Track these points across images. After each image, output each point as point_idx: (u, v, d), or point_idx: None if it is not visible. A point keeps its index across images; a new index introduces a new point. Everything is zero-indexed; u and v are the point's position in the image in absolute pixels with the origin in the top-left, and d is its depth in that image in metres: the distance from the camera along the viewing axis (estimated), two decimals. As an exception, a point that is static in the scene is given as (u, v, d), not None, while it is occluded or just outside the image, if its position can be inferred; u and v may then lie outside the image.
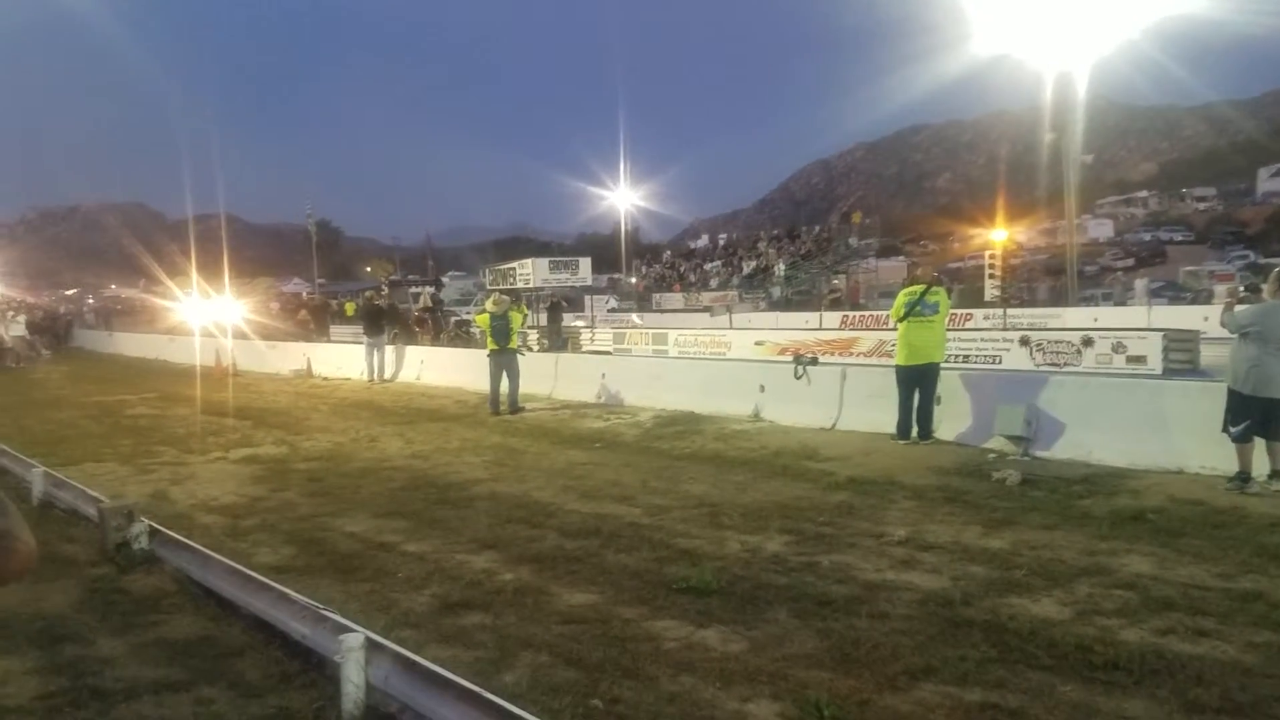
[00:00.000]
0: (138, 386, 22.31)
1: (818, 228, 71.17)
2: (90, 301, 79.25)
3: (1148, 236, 75.05)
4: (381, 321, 22.46)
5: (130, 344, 37.72)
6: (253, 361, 26.27)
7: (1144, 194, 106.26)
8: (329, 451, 12.09)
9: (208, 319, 29.01)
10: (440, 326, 30.76)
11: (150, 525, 6.93)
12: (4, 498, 1.48)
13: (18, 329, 33.43)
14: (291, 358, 25.33)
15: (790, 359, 13.80)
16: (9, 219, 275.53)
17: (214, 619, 5.57)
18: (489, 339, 15.70)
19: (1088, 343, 17.73)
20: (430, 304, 32.94)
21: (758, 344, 23.43)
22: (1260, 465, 8.04)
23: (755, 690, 4.38)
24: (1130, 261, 62.47)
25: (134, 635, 5.38)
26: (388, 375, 21.55)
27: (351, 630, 4.26)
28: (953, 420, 10.97)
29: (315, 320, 33.62)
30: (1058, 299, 38.10)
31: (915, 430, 10.94)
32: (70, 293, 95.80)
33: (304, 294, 63.76)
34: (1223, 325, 8.54)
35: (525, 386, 15.78)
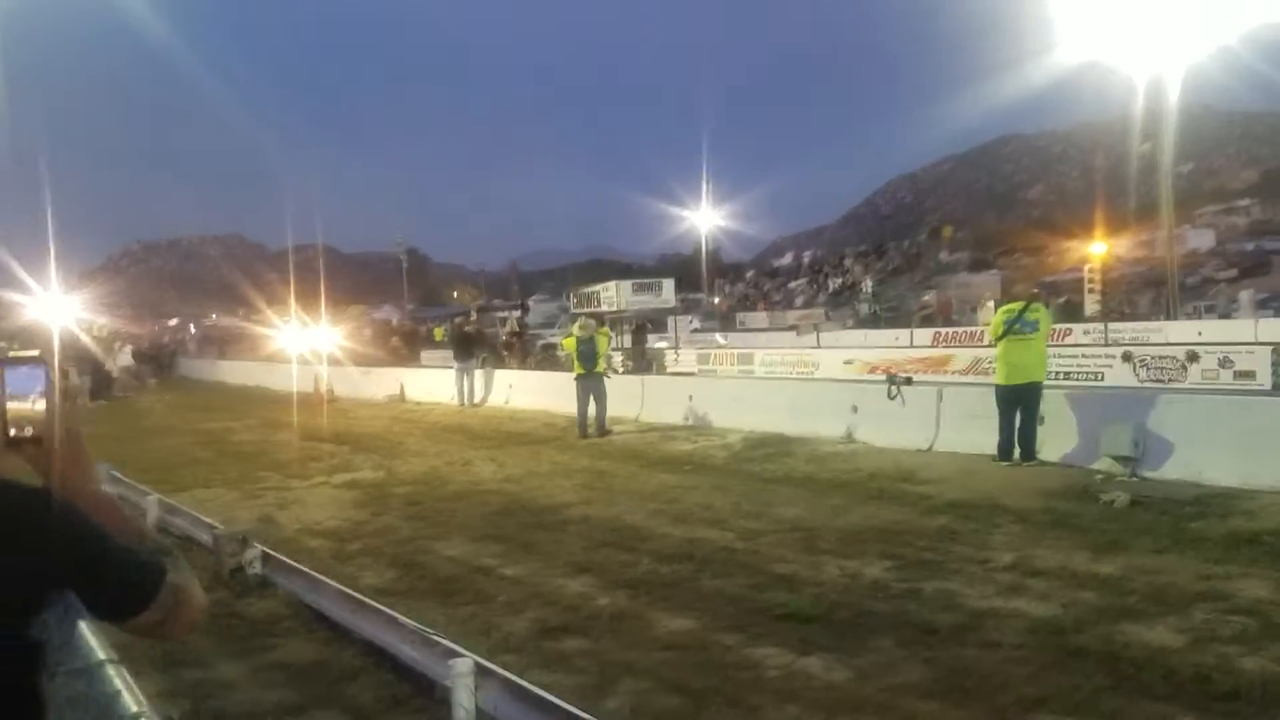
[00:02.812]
0: (240, 413, 23.04)
1: (906, 243, 69.97)
2: (193, 330, 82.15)
3: (1251, 246, 72.08)
4: (471, 346, 22.83)
5: (231, 372, 39.01)
6: (348, 387, 26.88)
7: (1245, 202, 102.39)
8: (425, 475, 12.32)
9: (305, 346, 29.81)
10: (528, 350, 31.12)
11: (263, 550, 7.15)
12: (177, 552, 1.50)
13: (124, 359, 34.73)
14: (385, 383, 25.92)
15: (882, 377, 13.59)
16: (113, 251, 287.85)
17: (327, 642, 5.73)
18: (575, 362, 15.78)
19: (1193, 358, 17.12)
20: (517, 328, 33.42)
21: (847, 363, 23.11)
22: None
23: (862, 720, 4.33)
24: (1233, 272, 60.09)
25: (252, 659, 5.56)
26: (478, 399, 21.85)
27: (461, 655, 4.33)
28: (1056, 440, 10.66)
29: (407, 346, 34.43)
30: (1159, 312, 36.85)
31: (1017, 451, 10.67)
32: (173, 322, 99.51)
33: (395, 320, 65.21)
34: None
35: (612, 409, 15.83)
